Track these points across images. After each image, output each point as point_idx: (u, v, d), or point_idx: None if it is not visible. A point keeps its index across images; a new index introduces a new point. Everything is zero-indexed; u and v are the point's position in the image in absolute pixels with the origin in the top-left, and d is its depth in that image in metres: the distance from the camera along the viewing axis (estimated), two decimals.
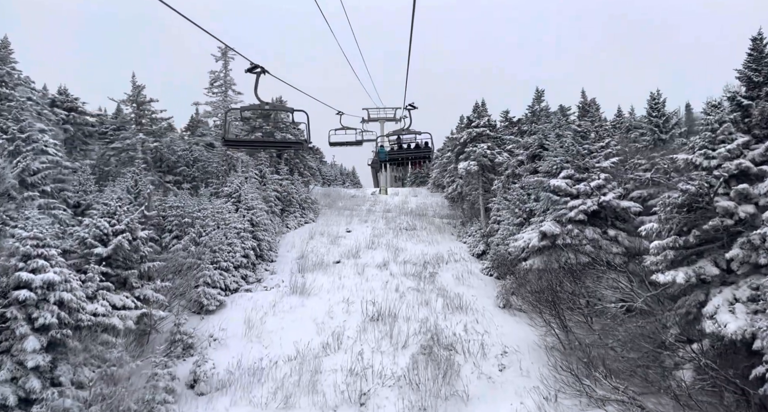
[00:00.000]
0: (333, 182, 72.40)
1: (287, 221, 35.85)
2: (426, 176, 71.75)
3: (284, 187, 37.06)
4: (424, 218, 41.17)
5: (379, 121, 55.95)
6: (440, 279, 26.73)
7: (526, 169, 28.79)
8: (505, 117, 40.42)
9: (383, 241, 33.51)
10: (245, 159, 33.36)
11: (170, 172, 34.56)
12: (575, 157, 24.56)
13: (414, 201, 51.16)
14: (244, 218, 27.66)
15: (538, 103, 31.72)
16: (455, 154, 39.21)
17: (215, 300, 22.28)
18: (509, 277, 24.98)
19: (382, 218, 40.51)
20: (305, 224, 37.24)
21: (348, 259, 29.75)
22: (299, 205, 37.88)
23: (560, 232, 22.79)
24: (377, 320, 21.74)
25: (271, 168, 38.14)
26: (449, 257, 30.44)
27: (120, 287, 18.17)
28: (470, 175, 36.25)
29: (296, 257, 29.85)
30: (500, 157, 35.51)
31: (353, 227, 36.98)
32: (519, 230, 26.46)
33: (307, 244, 32.23)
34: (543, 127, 28.83)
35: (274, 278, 26.41)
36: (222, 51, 32.96)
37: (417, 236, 35.49)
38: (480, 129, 36.63)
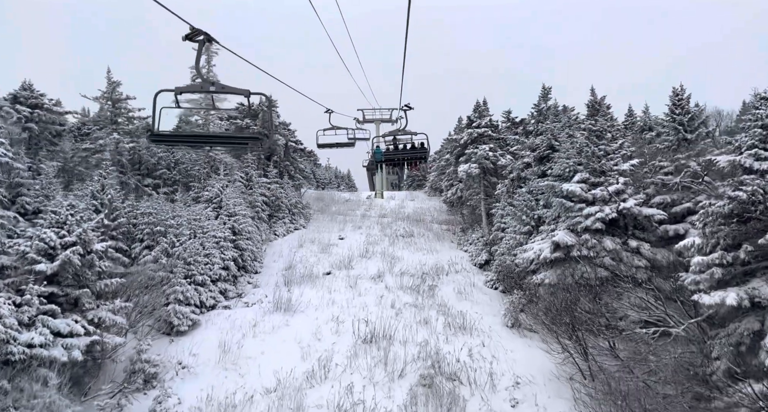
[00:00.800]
0: (327, 185, 69.74)
1: (275, 228, 33.14)
2: (423, 179, 69.14)
3: (272, 191, 34.35)
4: (421, 224, 38.52)
5: (374, 122, 53.56)
6: (440, 293, 24.05)
7: (534, 173, 26.17)
8: (507, 117, 37.85)
9: (378, 249, 30.83)
10: (228, 161, 30.67)
11: (150, 175, 31.79)
12: (590, 159, 21.95)
13: (411, 205, 48.51)
14: (224, 226, 24.94)
15: (545, 102, 29.20)
16: (455, 157, 36.60)
17: (188, 319, 19.54)
18: (517, 291, 22.33)
19: (377, 223, 37.83)
20: (295, 231, 34.52)
21: (339, 270, 27.04)
22: (289, 210, 35.17)
23: (575, 242, 20.17)
24: (370, 342, 19.04)
25: (259, 171, 35.42)
26: (449, 268, 27.78)
27: (71, 308, 15.42)
28: (471, 179, 33.63)
29: (283, 267, 27.13)
30: (503, 159, 32.92)
31: (346, 234, 34.29)
32: (527, 239, 23.83)
33: (295, 253, 29.52)
34: (551, 127, 26.23)
35: (256, 293, 23.67)
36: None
37: (414, 243, 32.82)
38: (481, 130, 34.04)
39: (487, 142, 34.11)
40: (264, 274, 26.27)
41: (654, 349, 14.92)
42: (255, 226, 30.62)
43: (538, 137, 27.76)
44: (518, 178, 28.73)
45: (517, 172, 28.53)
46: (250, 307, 22.15)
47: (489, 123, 34.68)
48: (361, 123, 53.38)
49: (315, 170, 68.88)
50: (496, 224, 28.46)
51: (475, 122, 34.62)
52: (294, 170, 40.50)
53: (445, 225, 38.99)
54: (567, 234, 20.60)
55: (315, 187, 66.90)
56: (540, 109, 29.04)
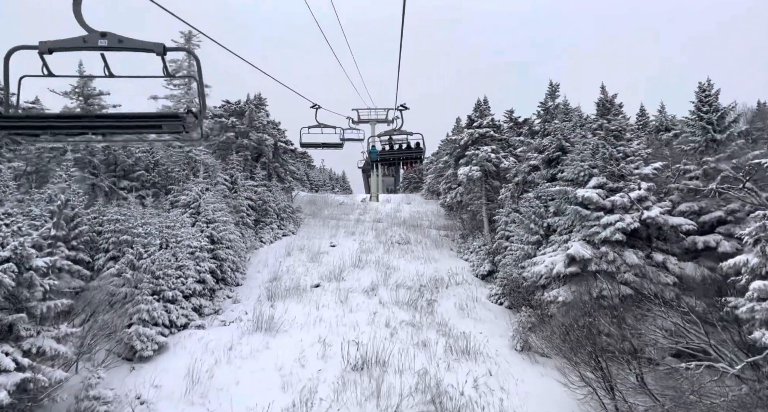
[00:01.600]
0: (321, 188, 67.18)
1: (262, 234, 30.54)
2: (419, 182, 66.67)
3: (259, 194, 31.76)
4: (418, 230, 35.98)
5: (369, 122, 51.19)
6: (440, 309, 21.52)
7: (542, 177, 23.67)
8: (509, 117, 35.35)
9: (372, 258, 28.27)
10: (209, 162, 28.14)
11: (126, 177, 29.13)
12: (607, 161, 19.49)
13: (407, 209, 45.97)
14: (202, 234, 22.33)
15: (552, 99, 26.76)
16: (454, 159, 34.10)
17: (153, 343, 16.93)
18: (525, 309, 19.83)
19: (371, 229, 35.27)
20: (283, 237, 31.93)
21: (329, 282, 24.47)
22: (277, 215, 32.59)
23: (592, 256, 17.67)
24: (361, 369, 16.50)
25: (245, 173, 32.82)
26: (449, 279, 25.25)
27: (3, 337, 12.82)
28: (472, 183, 31.11)
29: (268, 279, 24.54)
30: (506, 161, 30.41)
31: (338, 241, 31.73)
32: (536, 250, 21.33)
33: (282, 262, 26.92)
34: (561, 127, 23.74)
35: (236, 309, 21.07)
36: (185, 36, 27.73)
37: (411, 251, 30.28)
38: (483, 130, 31.55)
39: (489, 144, 31.63)
40: (246, 286, 23.67)
41: (698, 387, 12.41)
42: (239, 232, 28.03)
43: (546, 138, 25.28)
44: (524, 183, 26.24)
45: (522, 175, 26.04)
46: (227, 326, 19.56)
47: (491, 123, 32.20)
48: (356, 123, 51.10)
49: (308, 172, 66.31)
50: (500, 232, 25.95)
51: (476, 122, 32.14)
52: (284, 172, 37.91)
53: (444, 231, 36.48)
54: (583, 246, 18.11)
55: (309, 189, 64.31)
56: (547, 108, 26.58)
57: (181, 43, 28.09)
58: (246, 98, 34.33)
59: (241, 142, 32.68)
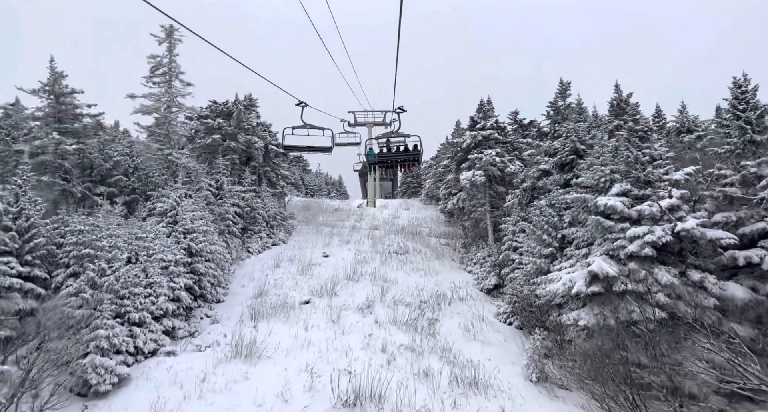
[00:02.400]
0: (317, 192, 64.75)
1: (249, 244, 28.07)
2: (418, 186, 64.31)
3: (247, 201, 29.33)
4: (417, 238, 33.57)
5: (366, 125, 48.94)
6: (443, 330, 19.09)
7: (555, 182, 21.28)
8: (514, 119, 33.06)
9: (368, 269, 25.84)
10: (191, 166, 25.68)
11: (103, 182, 26.67)
12: (631, 166, 17.12)
13: (405, 215, 43.59)
14: (178, 245, 19.88)
15: (563, 99, 24.42)
16: (456, 163, 31.73)
17: (112, 375, 14.45)
18: (539, 331, 17.43)
19: (367, 237, 32.85)
20: (273, 247, 29.47)
21: (320, 298, 22.02)
22: (266, 222, 30.14)
23: (617, 273, 15.27)
24: (353, 405, 14.04)
25: (232, 178, 30.38)
26: (452, 294, 22.84)
27: None
28: (475, 188, 28.75)
29: (252, 294, 22.07)
30: (512, 166, 28.07)
31: (332, 250, 29.28)
32: (549, 264, 18.93)
33: (269, 275, 24.46)
34: (575, 128, 21.36)
35: (214, 331, 18.60)
36: (166, 31, 25.32)
37: (410, 261, 27.85)
38: (487, 132, 29.21)
39: (494, 146, 29.30)
40: (228, 303, 21.19)
41: None
42: (224, 242, 25.60)
43: (557, 140, 22.91)
44: (533, 189, 23.86)
45: (531, 181, 23.65)
46: (202, 351, 17.06)
47: (495, 125, 29.86)
48: (352, 126, 48.84)
49: (304, 176, 63.92)
50: (507, 242, 23.55)
51: (479, 123, 29.80)
52: (275, 177, 35.47)
53: (444, 239, 34.08)
54: (605, 261, 15.71)
55: (304, 194, 61.88)
56: (557, 108, 24.21)
57: (161, 38, 25.72)
58: (234, 98, 31.94)
59: (228, 145, 30.25)
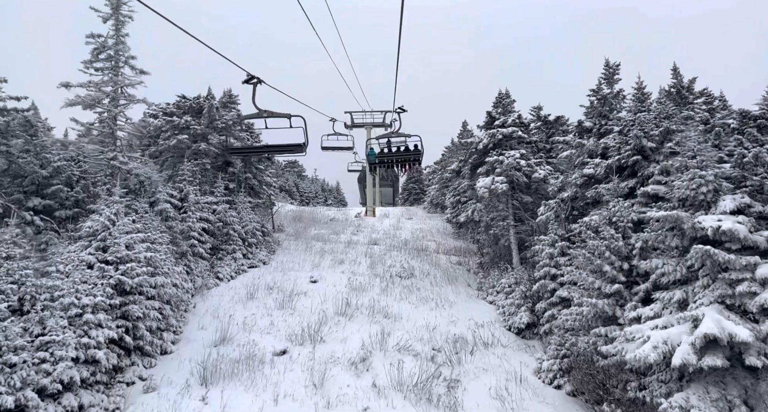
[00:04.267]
0: (313, 200, 59.00)
1: (219, 268, 22.28)
2: (421, 193, 58.61)
3: (219, 214, 23.57)
4: (424, 255, 27.82)
5: (364, 126, 43.51)
6: (468, 400, 13.32)
7: (612, 191, 15.49)
8: (537, 115, 27.35)
9: (365, 301, 20.08)
10: (141, 173, 19.85)
11: (38, 193, 20.89)
12: (749, 169, 11.39)
13: (409, 226, 37.84)
14: (103, 281, 14.11)
15: (610, 85, 18.79)
16: (469, 167, 25.97)
17: None
18: (610, 407, 11.67)
19: (365, 255, 27.10)
20: (250, 270, 23.68)
21: (301, 345, 16.24)
22: (243, 240, 24.37)
23: (750, 338, 9.49)
24: None
25: (204, 186, 24.64)
26: (474, 338, 17.09)
27: None
28: (495, 198, 22.99)
29: (212, 340, 16.28)
30: (541, 170, 22.36)
31: (322, 274, 23.51)
32: (615, 307, 13.16)
33: (239, 311, 18.70)
34: (639, 119, 15.59)
35: (146, 405, 12.79)
36: (112, 4, 19.74)
37: (417, 288, 22.09)
38: (508, 129, 23.48)
39: (516, 147, 23.59)
40: (177, 356, 15.38)
41: None
42: (185, 268, 19.91)
43: (608, 137, 17.18)
44: (574, 199, 18.13)
45: (573, 189, 17.90)
46: None
47: (518, 121, 24.15)
48: (349, 128, 43.41)
49: (298, 183, 58.21)
50: (542, 268, 17.78)
51: (498, 120, 24.08)
52: (258, 185, 29.73)
53: (455, 256, 28.35)
54: (721, 313, 9.99)
55: (298, 202, 56.19)
56: (604, 97, 18.51)
57: (106, 14, 20.13)
58: (207, 93, 26.22)
59: (197, 148, 24.52)
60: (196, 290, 20.07)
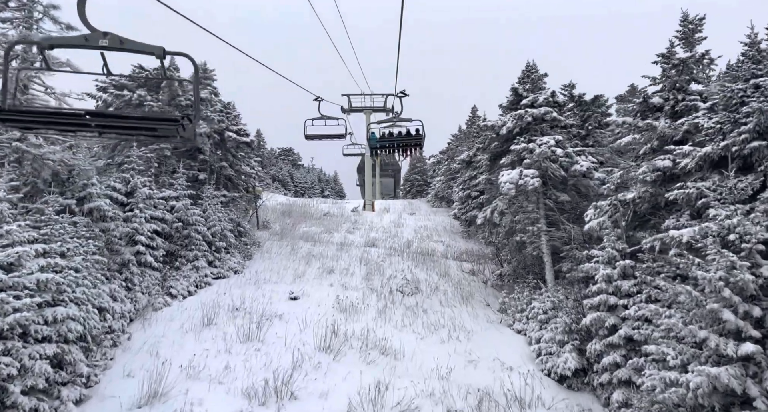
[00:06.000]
0: (308, 191, 53.80)
1: (173, 280, 17.16)
2: (424, 184, 53.43)
3: (178, 212, 18.46)
4: (430, 261, 22.76)
5: (364, 111, 38.28)
6: None
7: (728, 194, 10.27)
8: (569, 94, 22.08)
9: (356, 329, 15.02)
10: (56, 159, 14.71)
11: None
12: None
13: (412, 223, 32.76)
14: None
15: (689, 46, 13.60)
16: (489, 156, 20.76)
17: None
18: None
19: (360, 261, 22.04)
20: (215, 281, 18.60)
21: (263, 405, 11.17)
22: (208, 243, 19.24)
23: None
24: None
25: (157, 178, 19.50)
26: (504, 389, 12.03)
27: None
28: (524, 196, 17.83)
29: (134, 399, 11.19)
30: (584, 161, 17.20)
31: (305, 287, 18.42)
32: (748, 382, 8.04)
33: (189, 344, 13.63)
34: (757, 85, 10.33)
35: None
36: None
37: (423, 309, 17.02)
38: (540, 110, 18.25)
39: (549, 132, 18.40)
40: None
41: None
42: (123, 284, 14.89)
43: (695, 116, 11.96)
44: (644, 201, 12.95)
45: (642, 188, 12.70)
46: None
47: (551, 99, 18.91)
48: (347, 112, 38.21)
49: (293, 172, 52.95)
50: (598, 296, 12.65)
51: (527, 97, 18.84)
52: (236, 175, 24.56)
53: (467, 262, 23.29)
54: None
55: (293, 193, 51.03)
56: (682, 61, 13.26)
57: None
58: (170, 62, 20.96)
59: None
60: (137, 312, 15.01)
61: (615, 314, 12.38)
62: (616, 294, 12.51)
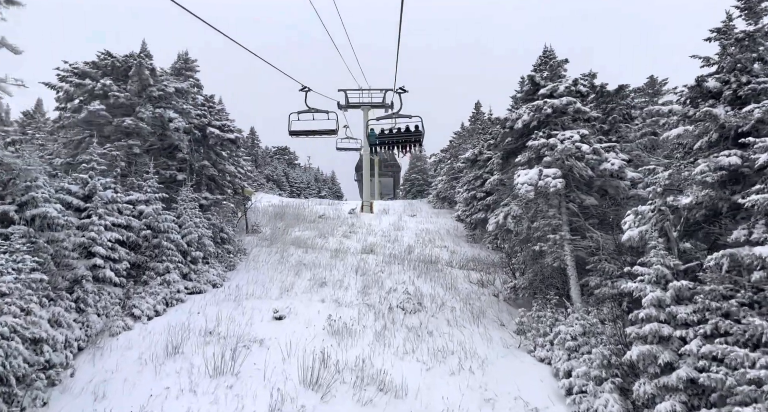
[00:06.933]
0: (305, 191, 51.17)
1: (138, 298, 14.54)
2: (424, 184, 50.83)
3: (147, 218, 15.86)
4: (434, 271, 20.20)
5: (361, 107, 35.75)
6: None
7: None
8: (590, 84, 19.47)
9: (351, 357, 12.44)
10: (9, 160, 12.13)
11: None
12: None
13: (413, 226, 30.19)
14: None
15: (752, 19, 11.00)
16: (502, 154, 18.14)
17: None
18: None
19: (356, 271, 19.46)
20: (190, 297, 15.98)
21: None
22: (183, 253, 16.62)
23: None
24: None
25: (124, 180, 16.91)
26: None
27: None
28: (544, 198, 15.25)
29: None
30: (614, 158, 14.65)
31: (293, 304, 15.82)
32: None
33: (145, 382, 11.03)
34: None
35: None
36: None
37: (428, 331, 14.43)
38: (561, 100, 15.66)
39: (571, 126, 15.83)
40: None
41: None
42: (72, 307, 12.31)
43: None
44: (699, 206, 10.36)
45: (702, 191, 10.11)
46: None
47: (574, 89, 16.31)
48: (344, 109, 35.69)
49: (288, 172, 50.33)
50: (647, 324, 10.06)
51: (545, 86, 16.24)
52: (220, 175, 21.95)
53: (475, 271, 20.73)
54: None
55: (288, 193, 48.42)
56: (747, 37, 10.67)
57: None
58: (141, 48, 18.34)
59: (120, 123, 16.71)
60: (89, 339, 12.43)
61: (669, 347, 9.82)
62: (669, 322, 9.95)
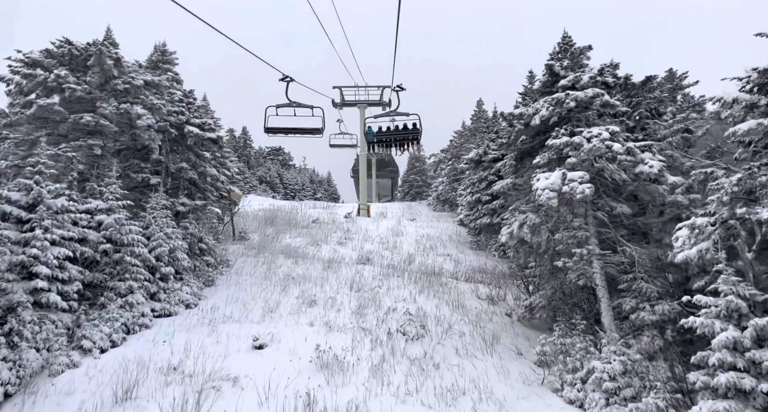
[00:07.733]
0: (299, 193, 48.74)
1: (90, 327, 12.14)
2: (423, 185, 48.51)
3: (107, 230, 13.47)
4: (437, 284, 17.87)
5: (358, 105, 33.47)
6: None
7: None
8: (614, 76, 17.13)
9: (342, 400, 10.10)
10: None
11: None
12: None
13: (412, 231, 27.87)
14: None
15: None
16: (516, 154, 15.78)
17: None
18: None
19: (350, 287, 17.11)
20: (157, 320, 13.61)
21: None
22: (150, 270, 14.24)
23: None
24: None
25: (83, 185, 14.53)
26: None
27: None
28: (567, 207, 12.92)
29: None
30: (651, 160, 12.33)
31: (276, 329, 13.47)
32: None
33: None
34: None
35: None
36: None
37: (434, 363, 12.09)
38: (587, 92, 13.33)
39: (597, 122, 13.53)
40: None
41: None
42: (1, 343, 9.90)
43: None
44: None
45: None
46: None
47: (600, 80, 14.00)
48: (339, 107, 33.40)
49: (282, 173, 47.90)
50: (723, 375, 7.75)
51: (566, 77, 13.92)
52: (200, 179, 19.55)
53: (483, 285, 18.41)
54: None
55: (282, 195, 46.01)
56: None
57: None
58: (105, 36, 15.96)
59: (77, 120, 14.34)
60: (21, 382, 10.05)
61: (750, 404, 7.52)
62: (749, 371, 7.66)
